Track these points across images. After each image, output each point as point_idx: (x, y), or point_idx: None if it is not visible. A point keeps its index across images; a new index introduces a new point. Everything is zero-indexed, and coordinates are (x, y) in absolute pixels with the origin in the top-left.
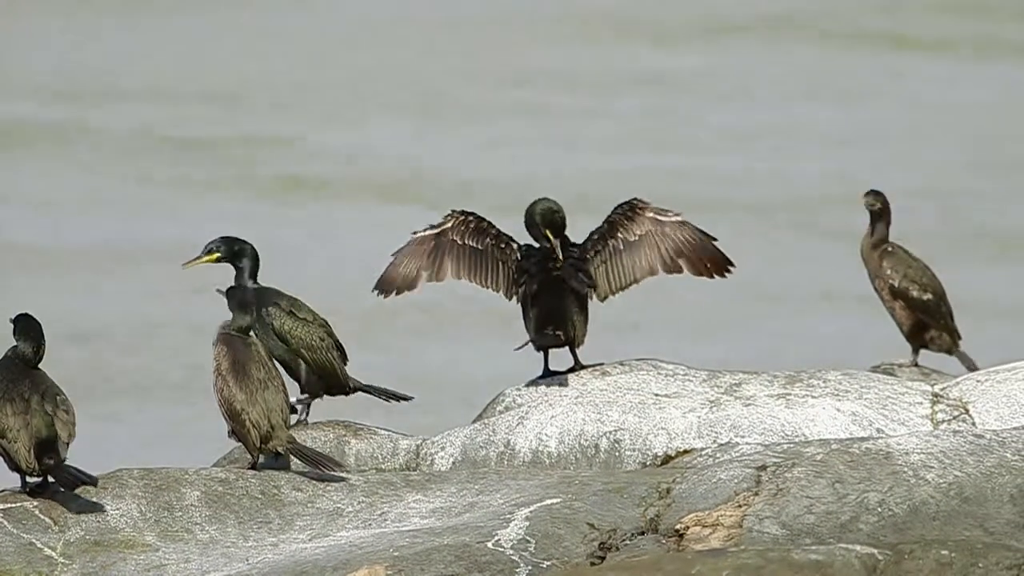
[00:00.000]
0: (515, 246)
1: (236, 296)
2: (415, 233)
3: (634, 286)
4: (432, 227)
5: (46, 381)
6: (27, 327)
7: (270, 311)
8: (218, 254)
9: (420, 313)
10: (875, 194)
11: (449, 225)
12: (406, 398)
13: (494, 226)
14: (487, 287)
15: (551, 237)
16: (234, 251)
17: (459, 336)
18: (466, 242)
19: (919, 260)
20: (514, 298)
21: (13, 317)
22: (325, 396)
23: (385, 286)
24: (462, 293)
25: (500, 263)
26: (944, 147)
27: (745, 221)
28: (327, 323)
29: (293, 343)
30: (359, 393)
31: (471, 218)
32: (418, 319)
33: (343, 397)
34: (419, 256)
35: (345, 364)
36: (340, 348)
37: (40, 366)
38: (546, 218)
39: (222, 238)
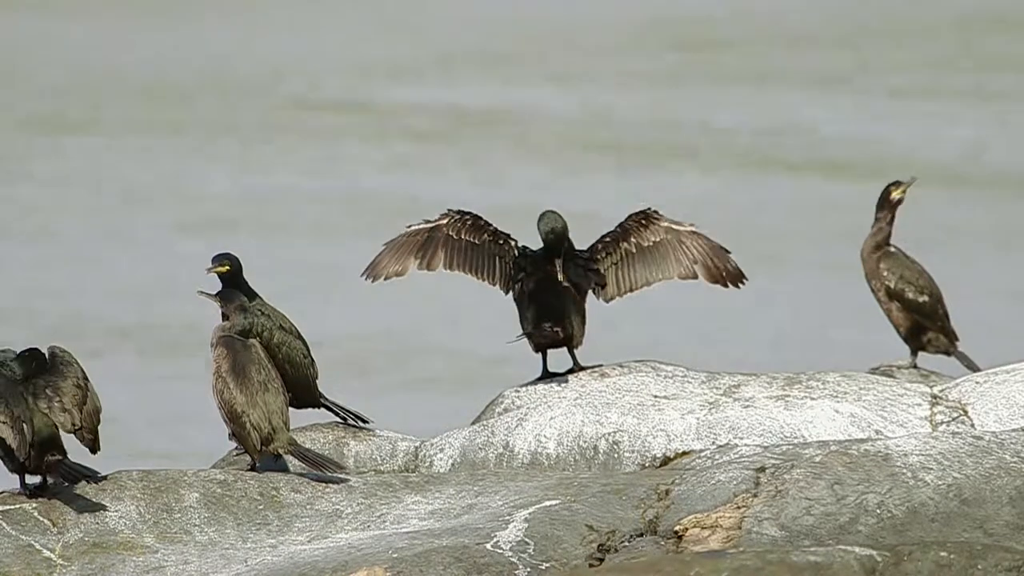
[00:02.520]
0: (513, 243)
1: (234, 299)
2: (409, 226)
3: (645, 289)
4: (426, 222)
5: (36, 379)
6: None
7: (262, 323)
8: (228, 266)
9: None
10: (898, 183)
11: (444, 222)
12: (365, 421)
13: (491, 224)
14: (482, 280)
15: (552, 256)
16: (237, 270)
17: None
18: (462, 237)
19: (916, 262)
20: (510, 292)
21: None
22: (295, 409)
23: (374, 271)
24: None
25: (497, 257)
26: None
27: None
28: (301, 334)
29: (279, 358)
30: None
31: (467, 216)
32: None
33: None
34: (411, 245)
35: (316, 378)
36: (314, 362)
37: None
38: (545, 237)
39: (232, 255)
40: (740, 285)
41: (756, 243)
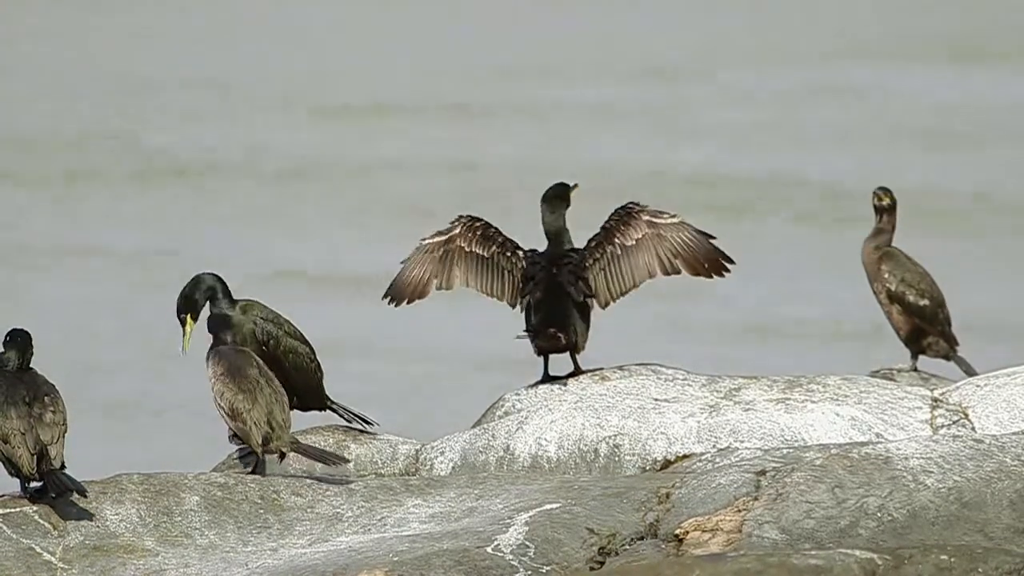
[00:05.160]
0: (520, 253)
1: (217, 321)
2: (423, 240)
3: (633, 291)
4: (440, 233)
5: (36, 381)
6: (15, 338)
7: (268, 330)
8: (189, 314)
9: None
10: (885, 190)
11: (457, 231)
12: (371, 423)
13: (500, 233)
14: (491, 295)
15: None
16: (197, 298)
17: None
18: (473, 249)
19: (918, 265)
20: (518, 306)
21: (7, 332)
22: (300, 412)
23: (396, 294)
24: None
25: (505, 271)
26: None
27: None
28: (306, 338)
29: (287, 365)
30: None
31: (478, 224)
32: None
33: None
34: (429, 263)
35: (322, 379)
36: (320, 365)
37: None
38: (545, 194)
39: (180, 297)
40: (723, 274)
41: None
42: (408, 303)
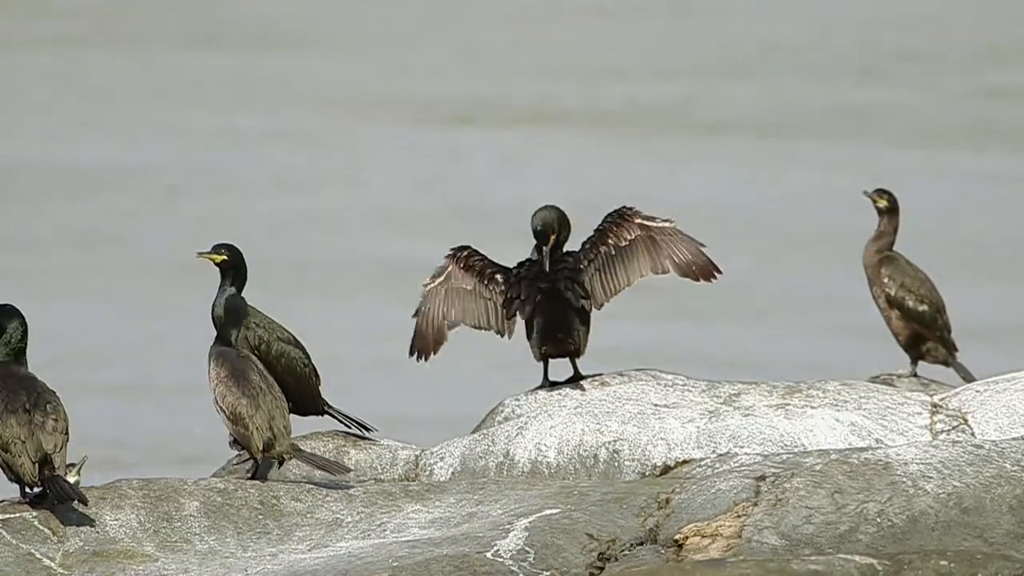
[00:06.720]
0: (499, 278)
1: (232, 307)
2: (425, 287)
3: (626, 289)
4: (436, 275)
5: (37, 386)
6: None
7: (259, 335)
8: (224, 257)
9: None
10: (881, 191)
11: (451, 268)
12: (369, 429)
13: (484, 259)
14: (480, 328)
15: (541, 248)
16: (236, 263)
17: None
18: (460, 285)
19: (919, 270)
20: (506, 335)
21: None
22: (298, 417)
23: (422, 349)
24: None
25: (488, 302)
26: None
27: None
28: (300, 343)
29: (280, 369)
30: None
31: (463, 254)
32: None
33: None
34: (436, 307)
35: (319, 384)
36: (315, 370)
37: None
38: (534, 231)
39: (234, 246)
40: (712, 279)
41: None
42: (435, 353)
